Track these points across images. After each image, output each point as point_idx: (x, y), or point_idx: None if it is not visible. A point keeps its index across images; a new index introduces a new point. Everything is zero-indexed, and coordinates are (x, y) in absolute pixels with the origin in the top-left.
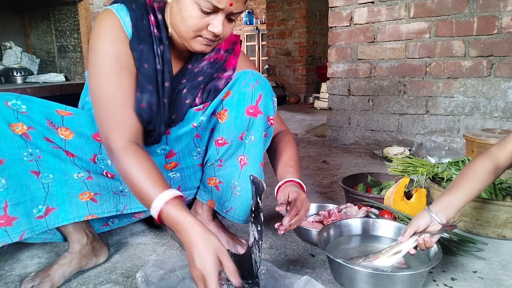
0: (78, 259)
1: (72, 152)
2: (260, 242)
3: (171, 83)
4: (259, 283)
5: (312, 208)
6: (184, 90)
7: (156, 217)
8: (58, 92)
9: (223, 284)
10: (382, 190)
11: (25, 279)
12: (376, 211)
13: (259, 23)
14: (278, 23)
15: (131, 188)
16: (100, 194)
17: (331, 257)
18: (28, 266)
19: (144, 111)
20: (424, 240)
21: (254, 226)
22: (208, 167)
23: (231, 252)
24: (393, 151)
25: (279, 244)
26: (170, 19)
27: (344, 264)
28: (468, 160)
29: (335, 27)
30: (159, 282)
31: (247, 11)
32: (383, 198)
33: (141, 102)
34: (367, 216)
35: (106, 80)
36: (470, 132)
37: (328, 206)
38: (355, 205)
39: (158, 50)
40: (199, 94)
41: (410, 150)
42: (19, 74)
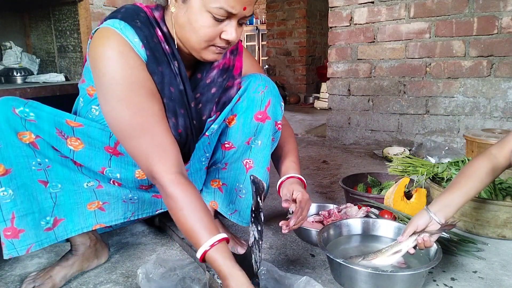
0: (80, 261)
1: (80, 162)
2: (260, 242)
3: (194, 102)
4: (259, 283)
5: (312, 208)
6: (200, 105)
7: (199, 258)
8: (58, 92)
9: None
10: (382, 190)
11: (26, 279)
12: (376, 211)
13: (259, 23)
14: (278, 23)
15: (179, 224)
16: (109, 203)
17: (331, 257)
18: (28, 266)
19: (181, 136)
20: (423, 239)
21: (254, 226)
22: (213, 169)
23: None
24: (393, 151)
25: (279, 244)
26: (176, 30)
27: (344, 264)
28: (468, 160)
29: (335, 27)
30: (160, 280)
31: None
32: (383, 198)
33: (177, 128)
34: (367, 216)
35: (134, 110)
36: (470, 132)
37: (328, 206)
38: (355, 205)
39: (175, 69)
40: (214, 107)
41: (410, 150)
42: (19, 74)
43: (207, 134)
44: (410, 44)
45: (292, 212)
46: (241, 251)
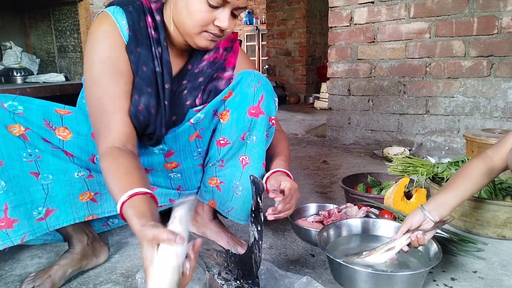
0: (78, 260)
1: (71, 152)
2: (260, 242)
3: (171, 85)
4: (259, 283)
5: (312, 208)
6: (185, 92)
7: (122, 218)
8: (58, 92)
9: (223, 285)
10: (382, 190)
11: (25, 280)
12: (376, 211)
13: (259, 23)
14: (278, 23)
15: (110, 193)
16: (100, 194)
17: (331, 257)
18: (28, 266)
19: (141, 113)
20: (417, 237)
21: (254, 226)
22: (209, 167)
23: (231, 252)
24: (393, 151)
25: (279, 244)
26: (174, 15)
27: (344, 264)
28: (468, 160)
29: (335, 27)
30: None
31: (247, 11)
32: (383, 198)
33: (138, 105)
34: (367, 216)
35: (97, 86)
36: (470, 132)
37: (328, 206)
38: (355, 205)
39: (157, 52)
40: (200, 95)
41: (410, 150)
42: (19, 74)
43: (192, 122)
44: (410, 44)
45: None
46: (241, 251)
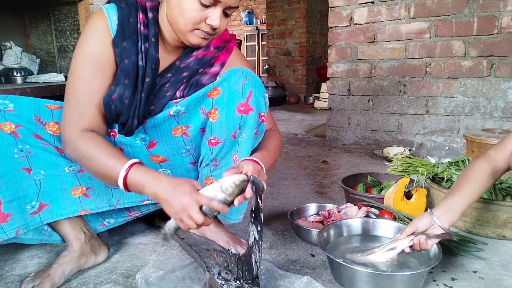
0: (77, 258)
1: (62, 148)
2: (260, 242)
3: (152, 79)
4: (259, 283)
5: (312, 208)
6: (167, 84)
7: (122, 186)
8: (58, 92)
9: (223, 285)
10: (382, 190)
11: (25, 280)
12: (376, 211)
13: (259, 23)
14: (278, 23)
15: (93, 170)
16: (92, 189)
17: (331, 257)
18: (28, 266)
19: (114, 102)
20: (419, 241)
21: (254, 226)
22: (203, 167)
23: (231, 252)
24: (393, 151)
25: (279, 244)
26: (167, 12)
27: (344, 264)
28: (468, 160)
29: (335, 27)
30: (159, 283)
31: (247, 11)
32: (383, 198)
33: (112, 94)
34: (367, 216)
35: (77, 76)
36: (470, 132)
37: (328, 206)
38: (355, 205)
39: (143, 47)
40: (181, 87)
41: (410, 150)
42: (19, 74)
43: (171, 113)
44: (410, 44)
45: None
46: (241, 250)
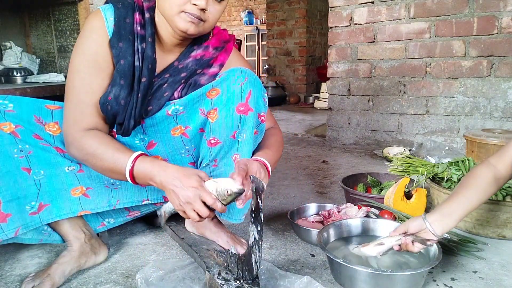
0: (77, 257)
1: (61, 148)
2: (260, 242)
3: (148, 79)
4: (259, 283)
5: (312, 208)
6: (165, 85)
7: (129, 178)
8: (58, 92)
9: (223, 285)
10: (382, 190)
11: (25, 280)
12: (376, 211)
13: (259, 23)
14: (278, 23)
15: (100, 166)
16: (92, 188)
17: (331, 257)
18: (28, 266)
19: (110, 103)
20: (406, 241)
21: (254, 226)
22: (203, 167)
23: (231, 252)
24: (393, 151)
25: (279, 244)
26: (158, 4)
27: (344, 264)
28: (468, 160)
29: (335, 27)
30: (159, 283)
31: (247, 11)
32: (383, 198)
33: (108, 95)
34: (367, 216)
35: (77, 76)
36: (470, 132)
37: (328, 206)
38: (355, 205)
39: (139, 47)
40: (179, 88)
41: (410, 150)
42: (19, 74)
43: (169, 113)
44: (410, 44)
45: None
46: (241, 250)
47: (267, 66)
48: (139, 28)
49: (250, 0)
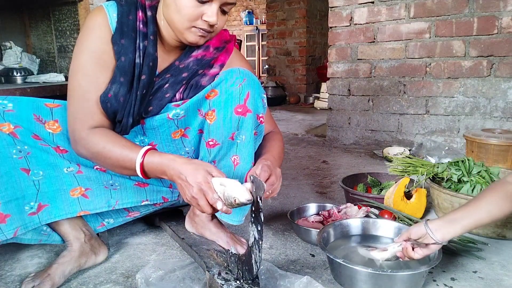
0: (77, 257)
1: (61, 147)
2: (260, 242)
3: (148, 77)
4: (259, 283)
5: (312, 208)
6: (166, 85)
7: (140, 173)
8: (58, 92)
9: (223, 285)
10: (382, 190)
11: (25, 280)
12: (376, 211)
13: (259, 23)
14: (278, 23)
15: (109, 164)
16: (91, 189)
17: (331, 257)
18: (28, 266)
19: (109, 100)
20: (406, 247)
21: (254, 226)
22: None
23: (231, 252)
24: (393, 151)
25: (279, 244)
26: (164, 11)
27: (344, 264)
28: (468, 160)
29: (335, 27)
30: (159, 283)
31: (247, 11)
32: (383, 198)
33: (108, 92)
34: (367, 216)
35: (82, 74)
36: (470, 132)
37: (328, 206)
38: (355, 205)
39: (141, 45)
40: (181, 89)
41: (410, 150)
42: (19, 74)
43: (170, 117)
44: (410, 44)
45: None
46: (241, 250)
47: (267, 66)
48: (141, 25)
49: (250, 0)
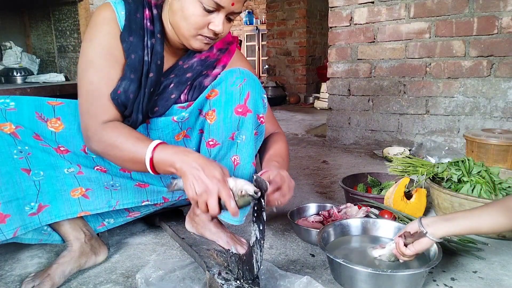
0: (77, 257)
1: (62, 147)
2: (262, 242)
3: (156, 75)
4: (259, 283)
5: (312, 208)
6: (171, 85)
7: (150, 168)
8: (58, 92)
9: (223, 285)
10: (382, 190)
11: (25, 280)
12: (376, 211)
13: (259, 23)
14: (278, 23)
15: (120, 158)
16: (92, 190)
17: (331, 257)
18: (28, 266)
19: (119, 97)
20: (397, 242)
21: (256, 226)
22: None
23: (231, 252)
24: (393, 151)
25: (279, 244)
26: (170, 16)
27: (344, 264)
28: (468, 160)
29: (335, 27)
30: (159, 283)
31: (247, 11)
32: (383, 198)
33: (118, 89)
34: (367, 216)
35: (94, 69)
36: (470, 132)
37: (328, 206)
38: (355, 205)
39: (149, 43)
40: (186, 90)
41: (410, 150)
42: (19, 74)
43: (175, 119)
44: (410, 44)
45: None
46: (241, 250)
47: (267, 66)
48: (148, 23)
49: (250, 0)
